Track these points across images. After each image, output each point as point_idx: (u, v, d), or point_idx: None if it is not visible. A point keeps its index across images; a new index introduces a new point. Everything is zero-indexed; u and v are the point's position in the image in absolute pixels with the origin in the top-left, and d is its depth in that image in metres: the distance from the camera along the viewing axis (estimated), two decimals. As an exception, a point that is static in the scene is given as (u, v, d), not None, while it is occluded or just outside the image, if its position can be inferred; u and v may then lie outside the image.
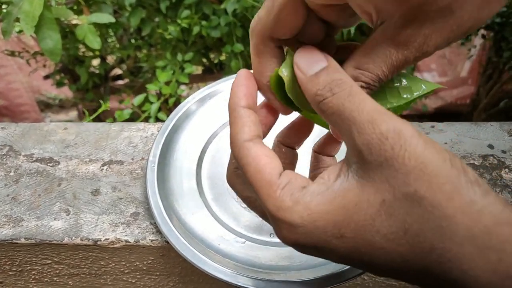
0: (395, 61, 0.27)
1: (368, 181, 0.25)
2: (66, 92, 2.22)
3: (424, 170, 0.23)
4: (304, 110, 0.32)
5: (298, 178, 0.28)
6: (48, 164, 0.64)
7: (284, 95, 0.32)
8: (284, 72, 0.31)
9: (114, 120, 1.31)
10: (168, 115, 0.67)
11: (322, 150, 0.38)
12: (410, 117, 2.26)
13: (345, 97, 0.26)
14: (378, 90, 0.31)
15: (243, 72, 0.33)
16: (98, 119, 1.72)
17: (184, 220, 0.56)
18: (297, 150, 0.38)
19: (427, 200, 0.23)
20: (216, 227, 0.56)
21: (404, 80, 0.32)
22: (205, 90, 0.68)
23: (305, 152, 0.40)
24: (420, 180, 0.23)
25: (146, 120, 1.33)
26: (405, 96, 0.32)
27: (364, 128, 0.25)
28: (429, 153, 0.24)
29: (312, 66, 0.28)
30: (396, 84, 0.32)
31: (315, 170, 0.38)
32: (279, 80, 0.31)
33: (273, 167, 0.28)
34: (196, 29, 1.31)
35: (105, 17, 1.11)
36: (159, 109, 1.33)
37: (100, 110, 1.00)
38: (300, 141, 0.38)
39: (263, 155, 0.29)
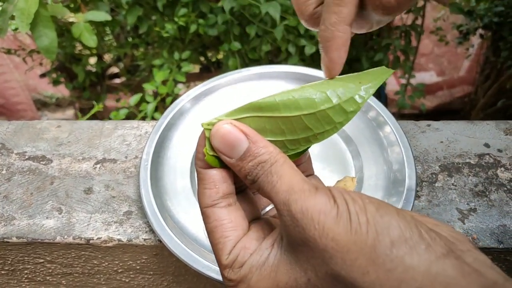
0: None
1: (294, 260, 0.26)
2: (62, 91, 2.21)
3: (335, 247, 0.23)
4: None
5: (248, 249, 0.28)
6: (41, 162, 0.64)
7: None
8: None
9: (110, 119, 1.30)
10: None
11: None
12: (407, 116, 2.25)
13: (265, 177, 0.27)
14: (318, 116, 0.29)
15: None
16: (94, 118, 1.71)
17: (178, 219, 0.56)
18: None
19: (344, 278, 0.23)
20: (209, 226, 0.55)
21: (342, 92, 0.28)
22: (199, 88, 0.68)
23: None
24: (334, 257, 0.23)
25: (143, 120, 1.32)
26: (350, 109, 0.28)
27: (280, 210, 0.26)
28: (339, 227, 0.23)
29: (234, 149, 0.28)
30: (335, 101, 0.28)
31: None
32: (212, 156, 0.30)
33: (225, 242, 0.28)
34: (193, 27, 1.31)
35: (102, 15, 1.10)
36: (156, 109, 1.32)
37: (92, 111, 1.00)
38: None
39: (219, 227, 0.29)
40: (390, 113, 0.61)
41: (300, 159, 0.33)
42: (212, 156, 0.29)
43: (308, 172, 0.34)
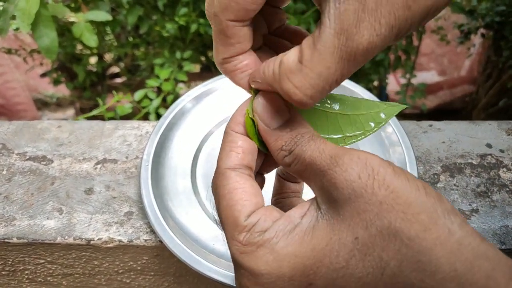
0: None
1: (337, 219, 0.23)
2: (63, 91, 2.21)
3: (396, 199, 0.22)
4: None
5: (270, 216, 0.26)
6: (41, 163, 0.63)
7: (259, 137, 0.29)
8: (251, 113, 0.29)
9: (115, 114, 1.30)
10: (167, 111, 0.66)
11: (288, 175, 0.35)
12: (408, 116, 2.25)
13: (306, 142, 0.25)
14: (330, 121, 0.29)
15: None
16: (94, 117, 1.71)
17: (179, 219, 0.56)
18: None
19: (403, 233, 0.21)
20: (210, 227, 0.55)
21: (364, 108, 0.29)
22: (200, 87, 0.68)
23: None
24: (393, 211, 0.22)
25: (146, 116, 1.32)
26: (372, 125, 0.29)
27: (327, 164, 0.24)
28: (400, 181, 0.22)
29: (274, 118, 0.27)
30: (351, 112, 0.29)
31: (278, 194, 0.36)
32: (252, 121, 0.29)
33: (244, 205, 0.26)
34: (194, 27, 1.30)
35: (102, 15, 1.10)
36: (158, 106, 1.32)
37: (96, 111, 1.00)
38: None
39: (240, 189, 0.27)
40: (396, 120, 0.61)
41: None
42: (251, 120, 0.28)
43: None
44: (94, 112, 1.03)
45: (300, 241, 0.24)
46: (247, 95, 0.30)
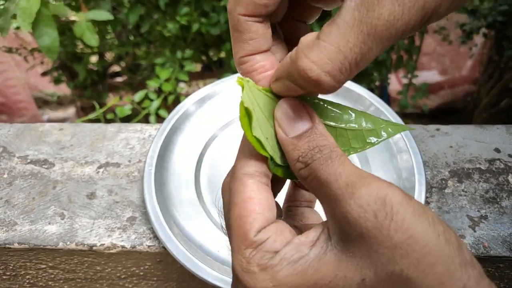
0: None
1: (347, 256, 0.22)
2: (64, 89, 2.20)
3: (413, 245, 0.20)
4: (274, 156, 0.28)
5: (280, 236, 0.25)
6: (43, 166, 0.63)
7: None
8: (248, 104, 0.27)
9: (115, 115, 1.29)
10: (167, 112, 0.65)
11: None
12: (409, 116, 2.24)
13: (324, 161, 0.24)
14: (338, 133, 0.28)
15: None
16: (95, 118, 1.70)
17: (182, 225, 0.55)
18: None
19: (415, 283, 0.20)
20: (215, 233, 0.54)
21: (365, 123, 0.29)
22: (204, 90, 0.67)
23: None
24: (407, 257, 0.20)
25: (146, 117, 1.31)
26: (370, 140, 0.29)
27: (342, 194, 0.22)
28: (420, 224, 0.20)
29: (295, 126, 0.26)
30: (360, 127, 0.29)
31: (291, 201, 0.34)
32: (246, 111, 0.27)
33: (257, 218, 0.25)
34: (195, 27, 1.29)
35: (103, 14, 1.09)
36: (158, 107, 1.31)
37: (91, 116, 0.98)
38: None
39: (255, 199, 0.26)
40: (400, 119, 0.60)
41: None
42: (244, 109, 0.26)
43: None
44: (91, 116, 1.02)
45: (303, 273, 0.23)
46: None
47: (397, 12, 0.20)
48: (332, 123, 0.28)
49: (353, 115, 0.29)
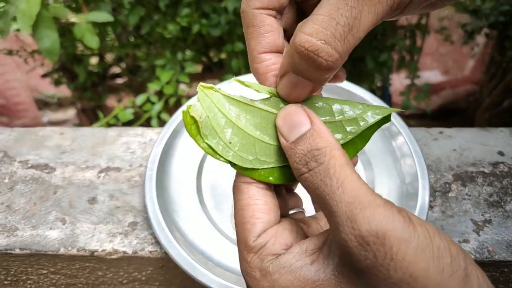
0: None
1: (347, 281, 0.22)
2: (64, 91, 2.20)
3: (412, 284, 0.20)
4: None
5: (280, 239, 0.25)
6: (44, 171, 0.62)
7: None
8: (196, 111, 0.27)
9: (117, 119, 1.28)
10: (169, 115, 0.64)
11: None
12: (411, 116, 2.23)
13: (322, 176, 0.23)
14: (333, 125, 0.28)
15: None
16: (96, 118, 1.70)
17: (184, 231, 0.54)
18: None
19: None
20: (217, 239, 0.54)
21: (348, 110, 0.28)
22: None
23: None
24: None
25: (148, 120, 1.30)
26: (350, 129, 0.28)
27: (343, 225, 0.21)
28: (422, 261, 0.20)
29: (292, 131, 0.25)
30: (338, 117, 0.28)
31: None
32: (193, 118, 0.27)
33: (255, 223, 0.26)
34: (196, 28, 1.29)
35: (104, 16, 1.09)
36: (160, 110, 1.31)
37: (95, 125, 0.98)
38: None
39: (252, 206, 0.26)
40: (403, 122, 0.59)
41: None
42: (191, 118, 0.27)
43: None
44: (95, 126, 1.01)
45: (301, 286, 0.23)
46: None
47: None
48: (327, 118, 0.29)
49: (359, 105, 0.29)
